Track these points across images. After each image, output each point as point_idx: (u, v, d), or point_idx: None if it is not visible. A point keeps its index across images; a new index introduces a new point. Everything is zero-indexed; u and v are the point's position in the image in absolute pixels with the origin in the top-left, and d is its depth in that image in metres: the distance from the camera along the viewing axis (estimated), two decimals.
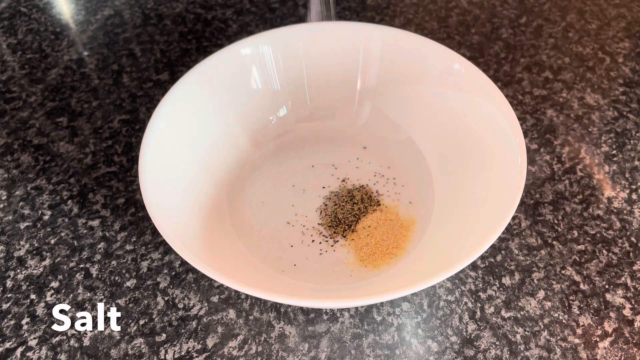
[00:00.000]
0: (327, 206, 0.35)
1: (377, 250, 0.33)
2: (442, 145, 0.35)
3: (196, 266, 0.26)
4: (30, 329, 0.31)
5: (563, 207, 0.36)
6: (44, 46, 0.49)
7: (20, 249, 0.35)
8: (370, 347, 0.30)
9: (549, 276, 0.32)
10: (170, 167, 0.32)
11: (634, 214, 0.35)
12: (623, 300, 0.31)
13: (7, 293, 0.33)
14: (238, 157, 0.37)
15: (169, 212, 0.29)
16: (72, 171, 0.39)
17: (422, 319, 0.31)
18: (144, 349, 0.30)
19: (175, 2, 0.52)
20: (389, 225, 0.34)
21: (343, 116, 0.40)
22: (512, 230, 0.35)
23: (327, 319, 0.31)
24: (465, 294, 0.32)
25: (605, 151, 0.39)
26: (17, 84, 0.46)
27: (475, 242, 0.26)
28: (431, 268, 0.27)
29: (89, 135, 0.41)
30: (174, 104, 0.33)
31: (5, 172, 0.39)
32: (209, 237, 0.31)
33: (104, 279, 0.33)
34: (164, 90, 0.44)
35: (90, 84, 0.45)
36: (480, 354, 0.29)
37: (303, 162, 0.38)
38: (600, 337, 0.30)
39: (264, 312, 0.31)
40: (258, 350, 0.30)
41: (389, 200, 0.35)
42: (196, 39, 0.49)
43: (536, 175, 0.38)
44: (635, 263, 0.33)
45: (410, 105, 0.37)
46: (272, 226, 0.34)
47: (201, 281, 0.33)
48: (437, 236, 0.32)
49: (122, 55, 0.48)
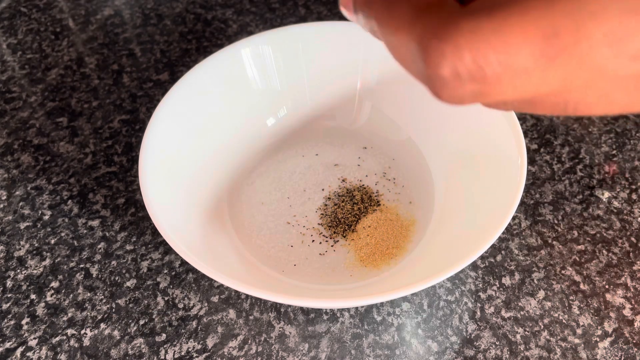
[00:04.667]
0: (327, 206, 0.35)
1: (377, 250, 0.33)
2: (442, 145, 0.35)
3: (196, 266, 0.26)
4: (30, 329, 0.31)
5: (563, 207, 0.36)
6: (44, 46, 0.49)
7: (20, 249, 0.35)
8: (370, 347, 0.30)
9: (549, 276, 0.32)
10: (171, 167, 0.32)
11: (634, 214, 0.35)
12: (623, 300, 0.31)
13: (7, 293, 0.33)
14: (238, 157, 0.37)
15: (169, 212, 0.29)
16: (72, 171, 0.39)
17: (422, 319, 0.31)
18: (144, 349, 0.30)
19: (175, 2, 0.52)
20: (389, 225, 0.34)
21: (343, 116, 0.40)
22: (512, 230, 0.35)
23: (327, 319, 0.31)
24: (465, 294, 0.32)
25: (605, 151, 0.39)
26: (17, 84, 0.46)
27: (476, 242, 0.26)
28: (431, 268, 0.27)
29: (89, 135, 0.41)
30: (174, 104, 0.33)
31: (5, 172, 0.39)
32: (209, 237, 0.31)
33: (104, 279, 0.33)
34: (164, 90, 0.44)
35: (90, 84, 0.45)
36: (480, 354, 0.29)
37: (303, 162, 0.38)
38: (600, 337, 0.30)
39: (264, 312, 0.31)
40: (258, 350, 0.30)
41: (389, 200, 0.35)
42: (196, 39, 0.49)
43: (536, 175, 0.38)
44: (635, 263, 0.33)
45: (410, 105, 0.37)
46: (272, 226, 0.34)
47: (201, 281, 0.33)
48: (437, 236, 0.32)
49: (122, 55, 0.48)
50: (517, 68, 0.13)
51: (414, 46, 0.14)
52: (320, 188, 0.36)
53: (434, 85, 0.14)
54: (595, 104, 0.14)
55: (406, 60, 0.15)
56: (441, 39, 0.13)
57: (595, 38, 0.12)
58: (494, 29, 0.12)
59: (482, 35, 0.13)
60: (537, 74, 0.13)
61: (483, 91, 0.13)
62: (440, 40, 0.13)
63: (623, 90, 0.14)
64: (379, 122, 0.39)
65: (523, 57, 0.12)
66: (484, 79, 0.13)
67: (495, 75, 0.13)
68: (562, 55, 0.12)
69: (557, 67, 0.13)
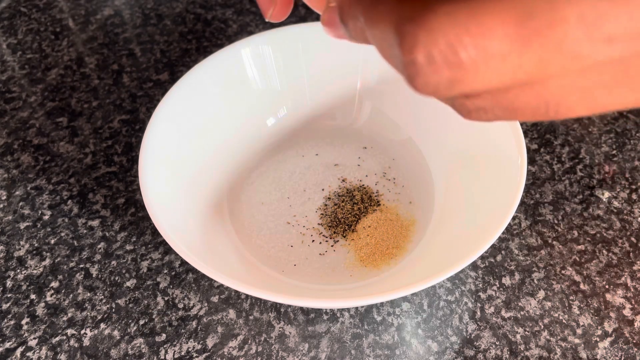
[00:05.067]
0: (327, 206, 0.35)
1: (377, 250, 0.33)
2: (442, 145, 0.35)
3: (196, 266, 0.26)
4: (30, 329, 0.31)
5: (563, 207, 0.36)
6: (44, 46, 0.49)
7: (20, 249, 0.35)
8: (370, 347, 0.30)
9: (549, 276, 0.32)
10: (171, 167, 0.32)
11: (634, 214, 0.35)
12: (623, 300, 0.31)
13: (7, 293, 0.33)
14: (238, 157, 0.37)
15: (169, 212, 0.29)
16: (72, 171, 0.39)
17: (422, 319, 0.31)
18: (144, 349, 0.30)
19: (175, 2, 0.52)
20: (389, 225, 0.34)
21: (343, 116, 0.40)
22: (512, 230, 0.35)
23: (327, 319, 0.31)
24: (465, 294, 0.32)
25: (605, 151, 0.39)
26: (17, 84, 0.46)
27: (476, 242, 0.26)
28: (431, 268, 0.27)
29: (89, 135, 0.41)
30: (174, 104, 0.33)
31: (5, 172, 0.39)
32: (209, 237, 0.31)
33: (104, 279, 0.33)
34: (164, 90, 0.44)
35: (90, 84, 0.45)
36: (480, 354, 0.29)
37: (303, 162, 0.38)
38: (600, 337, 0.30)
39: (264, 312, 0.31)
40: (258, 350, 0.30)
41: (389, 200, 0.35)
42: (196, 39, 0.49)
43: (536, 175, 0.38)
44: (635, 263, 0.33)
45: (410, 105, 0.37)
46: (272, 226, 0.34)
47: (201, 281, 0.33)
48: (437, 236, 0.32)
49: (122, 55, 0.48)
50: (492, 52, 0.12)
51: (391, 33, 0.14)
52: (320, 188, 0.36)
53: (409, 71, 0.14)
54: (576, 103, 0.14)
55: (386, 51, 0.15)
56: (416, 22, 0.13)
57: (570, 21, 0.12)
58: (469, 12, 0.12)
59: (457, 18, 0.12)
60: (512, 58, 0.13)
61: (458, 78, 0.13)
62: (415, 24, 0.13)
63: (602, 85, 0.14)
64: (379, 122, 0.39)
65: (498, 40, 0.12)
66: (459, 64, 0.13)
67: (470, 60, 0.13)
68: (537, 38, 0.12)
69: (532, 51, 0.13)
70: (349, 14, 0.16)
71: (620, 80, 0.14)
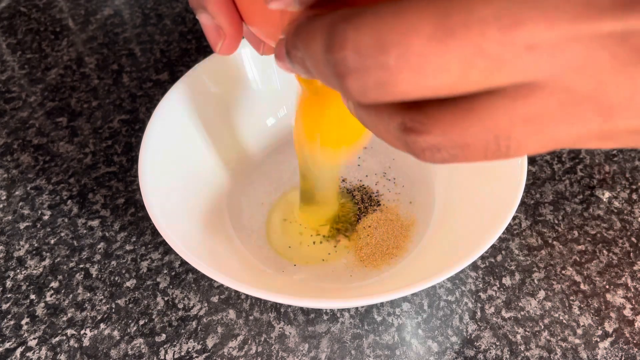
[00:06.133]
0: None
1: (377, 250, 0.32)
2: None
3: (196, 266, 0.26)
4: (30, 329, 0.31)
5: (563, 207, 0.36)
6: (44, 46, 0.49)
7: (20, 249, 0.35)
8: (370, 347, 0.30)
9: (550, 276, 0.32)
10: (170, 167, 0.32)
11: (634, 214, 0.35)
12: (623, 300, 0.31)
13: (7, 293, 0.33)
14: (238, 157, 0.37)
15: (168, 212, 0.29)
16: (72, 171, 0.39)
17: (423, 319, 0.31)
18: (144, 349, 0.30)
19: (175, 2, 0.52)
20: (389, 226, 0.34)
21: None
22: (512, 230, 0.35)
23: (327, 319, 0.31)
24: (465, 294, 0.32)
25: (605, 151, 0.39)
26: (17, 84, 0.46)
27: (475, 242, 0.26)
28: (431, 268, 0.27)
29: (89, 135, 0.41)
30: (173, 104, 0.33)
31: (5, 172, 0.39)
32: (209, 237, 0.31)
33: (104, 279, 0.33)
34: (164, 90, 0.44)
35: (90, 84, 0.45)
36: (480, 354, 0.29)
37: None
38: (600, 337, 0.30)
39: (264, 312, 0.31)
40: (258, 351, 0.30)
41: (389, 200, 0.35)
42: (196, 39, 0.49)
43: (536, 175, 0.38)
44: (635, 263, 0.33)
45: None
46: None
47: (201, 281, 0.33)
48: (437, 236, 0.32)
49: (122, 55, 0.47)
50: (415, 50, 0.12)
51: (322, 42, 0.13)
52: None
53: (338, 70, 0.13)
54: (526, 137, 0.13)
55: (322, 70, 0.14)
56: (346, 20, 0.13)
57: (488, 21, 0.12)
58: (393, 10, 0.12)
59: (383, 16, 0.12)
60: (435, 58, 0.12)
61: (387, 80, 0.13)
62: (346, 22, 0.13)
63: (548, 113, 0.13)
64: None
65: (419, 39, 0.12)
66: (386, 64, 0.12)
67: (395, 59, 0.12)
68: (454, 37, 0.12)
69: (451, 51, 0.12)
70: (291, 44, 0.15)
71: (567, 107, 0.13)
